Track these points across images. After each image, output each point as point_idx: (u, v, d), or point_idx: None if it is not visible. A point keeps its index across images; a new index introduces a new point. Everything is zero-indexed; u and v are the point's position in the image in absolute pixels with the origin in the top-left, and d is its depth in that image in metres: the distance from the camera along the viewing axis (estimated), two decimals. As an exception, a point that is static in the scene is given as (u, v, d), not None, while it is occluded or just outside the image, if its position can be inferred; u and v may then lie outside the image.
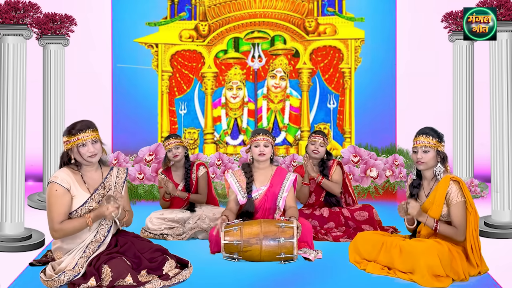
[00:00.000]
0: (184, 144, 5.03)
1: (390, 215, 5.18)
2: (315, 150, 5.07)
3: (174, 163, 5.08)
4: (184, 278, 3.61)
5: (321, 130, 5.45)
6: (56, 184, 3.50)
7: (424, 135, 3.81)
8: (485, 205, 5.53)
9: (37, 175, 6.83)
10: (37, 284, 3.57)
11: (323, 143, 5.09)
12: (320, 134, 5.12)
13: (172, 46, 7.21)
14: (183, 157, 5.04)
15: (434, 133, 3.82)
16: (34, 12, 4.83)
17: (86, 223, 3.50)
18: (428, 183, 3.88)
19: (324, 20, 7.23)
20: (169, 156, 5.00)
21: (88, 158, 3.55)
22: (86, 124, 3.56)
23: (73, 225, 3.49)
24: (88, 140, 3.53)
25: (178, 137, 5.02)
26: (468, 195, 3.73)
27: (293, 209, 4.42)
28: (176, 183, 5.05)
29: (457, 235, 3.72)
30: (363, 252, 3.94)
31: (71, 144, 3.53)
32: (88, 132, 3.54)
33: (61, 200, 3.49)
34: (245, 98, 7.24)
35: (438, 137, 3.81)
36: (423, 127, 3.87)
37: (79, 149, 3.53)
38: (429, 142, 3.78)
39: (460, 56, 6.32)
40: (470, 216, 3.72)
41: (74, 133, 3.53)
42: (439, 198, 3.75)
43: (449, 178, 3.75)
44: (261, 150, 4.48)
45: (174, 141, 4.98)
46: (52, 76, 6.07)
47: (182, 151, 5.01)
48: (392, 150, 6.98)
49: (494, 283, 3.64)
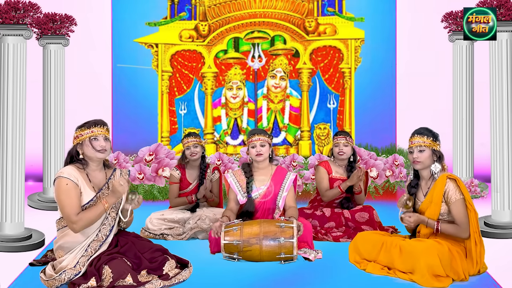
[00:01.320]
0: (202, 144, 5.05)
1: (390, 215, 5.18)
2: (340, 152, 5.00)
3: (189, 162, 5.08)
4: (184, 278, 3.61)
5: (343, 130, 5.35)
6: (65, 178, 3.49)
7: (419, 135, 3.85)
8: (485, 205, 5.53)
9: (37, 175, 6.83)
10: (37, 284, 3.57)
11: (347, 143, 5.00)
12: (342, 135, 5.04)
13: (172, 46, 7.21)
14: (200, 157, 5.05)
15: (428, 132, 3.85)
16: (34, 12, 4.83)
17: (103, 208, 3.51)
18: (426, 182, 3.89)
19: (324, 20, 7.24)
20: (187, 154, 5.01)
21: (99, 151, 3.56)
22: (101, 121, 3.64)
23: (91, 213, 3.49)
24: (101, 135, 3.57)
25: (197, 136, 5.05)
26: (465, 192, 3.74)
27: (293, 209, 4.42)
28: (189, 182, 5.06)
29: (460, 232, 3.72)
30: (363, 252, 3.94)
31: (84, 137, 3.55)
32: (102, 128, 3.60)
33: (73, 193, 3.49)
34: (245, 98, 7.25)
35: (433, 136, 3.84)
36: (418, 128, 3.90)
37: (92, 142, 3.55)
38: (424, 142, 3.81)
39: (460, 56, 6.32)
40: (470, 213, 3.73)
41: (89, 126, 3.58)
42: (436, 197, 3.77)
43: (446, 176, 3.77)
44: (258, 150, 4.49)
45: (193, 140, 4.99)
46: (52, 76, 6.07)
47: (200, 151, 5.02)
48: (392, 150, 6.98)
49: (494, 283, 3.64)
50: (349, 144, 5.01)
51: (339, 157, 5.02)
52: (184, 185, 5.06)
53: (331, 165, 5.08)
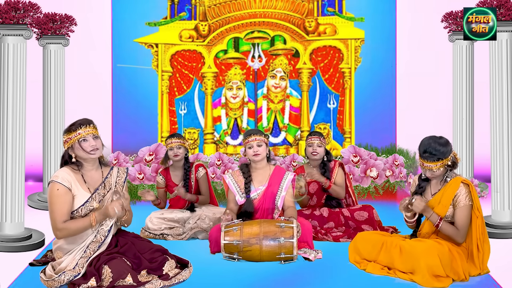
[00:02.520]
0: (185, 145, 5.03)
1: (390, 215, 5.18)
2: (314, 152, 5.03)
3: (173, 164, 5.08)
4: (184, 278, 3.61)
5: (317, 131, 5.34)
6: (57, 183, 3.49)
7: (429, 160, 3.74)
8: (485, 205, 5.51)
9: (37, 175, 6.82)
10: (37, 284, 3.57)
11: (320, 144, 5.04)
12: (316, 135, 5.07)
13: (172, 46, 7.20)
14: (183, 158, 5.04)
15: (438, 153, 3.72)
16: (34, 12, 4.83)
17: (90, 223, 3.50)
18: (437, 182, 3.88)
19: (324, 20, 7.23)
20: (170, 154, 5.00)
21: (90, 152, 3.55)
22: (86, 120, 3.61)
23: (77, 225, 3.49)
24: (89, 135, 3.56)
25: (181, 137, 5.03)
26: (476, 199, 3.73)
27: (292, 208, 4.42)
28: (175, 183, 5.05)
29: (457, 236, 3.72)
30: (363, 252, 3.94)
31: (72, 140, 3.54)
32: (88, 128, 3.57)
33: (63, 199, 3.49)
34: (245, 98, 7.24)
35: (443, 156, 3.73)
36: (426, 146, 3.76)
37: (81, 144, 3.54)
38: (435, 165, 3.75)
39: (460, 56, 6.32)
40: (477, 220, 3.73)
41: (75, 128, 3.55)
42: (446, 199, 3.75)
43: (460, 181, 3.75)
44: (255, 151, 4.49)
45: (177, 141, 4.98)
46: (52, 76, 6.06)
47: (183, 152, 5.01)
48: (392, 150, 6.98)
49: (494, 283, 3.64)
50: (322, 145, 5.03)
51: (312, 157, 5.05)
52: (171, 188, 5.04)
53: (305, 168, 5.10)
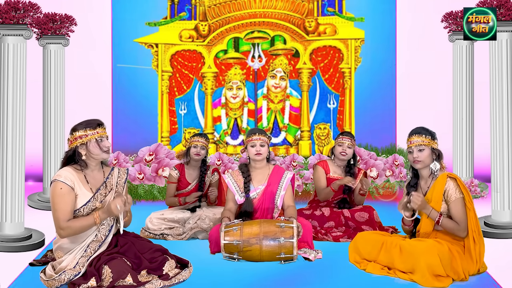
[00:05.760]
0: (208, 148, 5.09)
1: (390, 215, 5.18)
2: (343, 152, 5.00)
3: (190, 162, 5.09)
4: (184, 278, 3.61)
5: (348, 131, 5.32)
6: (60, 182, 3.49)
7: (416, 134, 3.88)
8: (485, 205, 5.53)
9: (37, 175, 6.82)
10: (37, 284, 3.57)
11: (351, 145, 5.00)
12: (348, 136, 5.04)
13: (172, 46, 7.21)
14: (201, 160, 5.07)
15: (426, 131, 3.89)
16: (34, 12, 4.83)
17: (94, 221, 3.50)
18: (425, 181, 3.90)
19: (324, 20, 7.24)
20: (192, 152, 5.03)
21: (105, 152, 3.56)
22: (102, 121, 3.63)
23: (81, 223, 3.49)
24: (105, 135, 3.59)
25: (207, 139, 5.09)
26: (465, 191, 3.75)
27: (292, 208, 4.42)
28: (188, 181, 5.07)
29: (459, 230, 3.72)
30: (363, 252, 3.94)
31: (90, 137, 3.53)
32: (105, 128, 3.61)
33: (67, 198, 3.48)
34: (245, 98, 7.24)
35: (430, 135, 3.87)
36: (415, 128, 3.94)
37: (99, 143, 3.54)
38: (422, 141, 3.84)
39: (460, 56, 6.32)
40: (470, 212, 3.74)
41: (94, 126, 3.55)
42: (436, 195, 3.77)
43: (446, 176, 3.79)
44: (258, 150, 4.49)
45: (203, 141, 5.04)
46: (52, 76, 6.06)
47: (204, 153, 5.05)
48: (392, 150, 6.98)
49: (494, 283, 3.64)
50: (352, 146, 5.02)
51: (340, 157, 5.02)
52: (183, 185, 5.06)
53: (329, 165, 5.08)
